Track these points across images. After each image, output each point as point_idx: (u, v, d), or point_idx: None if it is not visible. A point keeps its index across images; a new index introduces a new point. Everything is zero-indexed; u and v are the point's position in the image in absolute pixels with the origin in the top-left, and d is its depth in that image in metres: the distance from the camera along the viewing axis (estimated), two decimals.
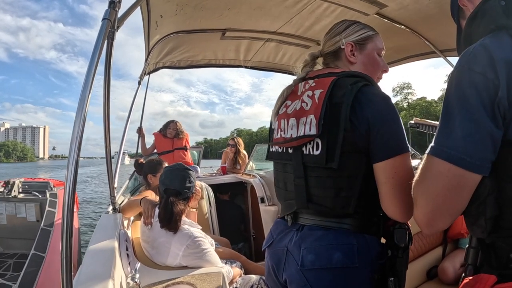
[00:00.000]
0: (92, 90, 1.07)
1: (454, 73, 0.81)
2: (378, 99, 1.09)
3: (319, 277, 1.11)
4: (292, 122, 1.21)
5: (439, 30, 2.73)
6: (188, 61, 3.58)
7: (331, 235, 1.13)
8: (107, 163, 2.01)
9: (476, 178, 0.76)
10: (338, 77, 1.14)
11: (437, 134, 0.81)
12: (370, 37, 1.30)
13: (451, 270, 2.39)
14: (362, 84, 1.10)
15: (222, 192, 4.54)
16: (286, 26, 2.85)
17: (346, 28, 1.30)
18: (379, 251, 1.15)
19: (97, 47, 1.16)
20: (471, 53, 0.79)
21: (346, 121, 1.06)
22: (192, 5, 2.37)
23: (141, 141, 5.06)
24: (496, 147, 0.75)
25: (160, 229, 1.99)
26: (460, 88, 0.78)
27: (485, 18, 0.85)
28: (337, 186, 1.11)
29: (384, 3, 2.38)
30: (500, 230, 0.79)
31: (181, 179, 2.10)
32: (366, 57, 1.29)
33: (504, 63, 0.73)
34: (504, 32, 0.80)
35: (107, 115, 1.71)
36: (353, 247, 1.10)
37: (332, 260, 1.09)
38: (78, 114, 1.02)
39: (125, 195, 2.90)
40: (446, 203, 0.79)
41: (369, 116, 1.05)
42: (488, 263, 0.86)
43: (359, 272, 1.10)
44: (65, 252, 0.91)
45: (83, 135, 1.02)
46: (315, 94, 1.14)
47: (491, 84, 0.73)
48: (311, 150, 1.14)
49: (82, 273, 1.41)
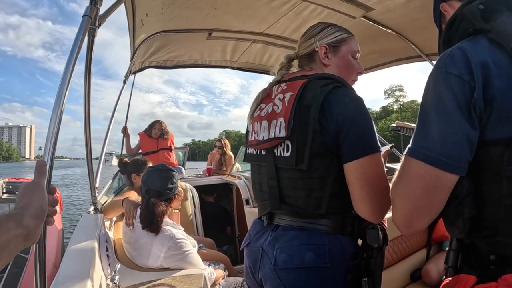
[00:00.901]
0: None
1: (431, 75, 0.82)
2: (347, 100, 1.09)
3: (292, 276, 1.12)
4: (264, 125, 1.23)
5: (425, 35, 2.75)
6: (174, 61, 3.56)
7: (304, 235, 1.14)
8: (88, 162, 1.98)
9: (453, 179, 0.77)
10: (309, 79, 1.16)
11: (414, 136, 0.82)
12: (345, 39, 1.31)
13: (435, 272, 2.41)
14: (332, 86, 1.11)
15: (207, 194, 4.52)
16: (273, 27, 2.85)
17: (321, 30, 1.31)
18: (353, 252, 1.16)
19: (76, 44, 1.14)
20: (448, 56, 0.80)
21: (315, 123, 1.07)
22: (178, 4, 2.35)
23: (126, 141, 5.03)
24: (472, 147, 0.76)
25: (141, 230, 1.96)
26: (436, 90, 0.79)
27: (464, 22, 0.87)
28: (308, 187, 1.12)
29: (371, 6, 2.40)
30: (480, 230, 0.80)
31: (163, 180, 2.08)
32: (340, 59, 1.30)
33: (480, 66, 0.75)
34: (481, 36, 0.81)
35: (87, 114, 1.69)
36: (325, 247, 1.11)
37: (304, 260, 1.10)
38: (55, 111, 1.00)
39: (108, 196, 2.87)
40: (424, 204, 0.80)
41: (338, 117, 1.06)
42: (468, 264, 0.87)
43: (331, 272, 1.11)
44: (38, 252, 0.89)
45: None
46: (286, 97, 1.17)
47: (467, 86, 0.75)
48: (282, 152, 1.17)
49: (61, 273, 1.38)
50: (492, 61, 0.75)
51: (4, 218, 0.66)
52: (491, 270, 0.79)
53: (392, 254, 2.37)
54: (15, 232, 0.66)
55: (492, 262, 0.79)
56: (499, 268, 0.78)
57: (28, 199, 0.74)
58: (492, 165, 0.77)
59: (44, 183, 0.81)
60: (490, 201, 0.78)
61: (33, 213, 0.71)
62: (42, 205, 0.75)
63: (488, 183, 0.78)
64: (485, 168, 0.78)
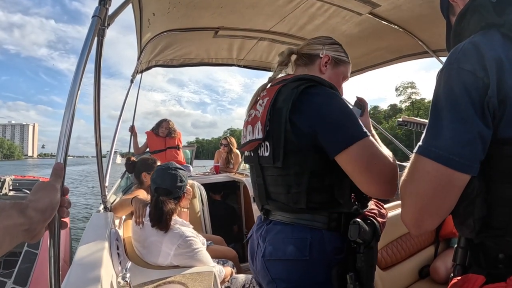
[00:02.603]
0: (81, 88, 1.06)
1: (443, 71, 0.80)
2: (318, 98, 1.15)
3: (276, 267, 1.22)
4: (249, 129, 1.36)
5: (432, 31, 2.74)
6: (180, 60, 3.57)
7: (289, 229, 1.22)
8: (98, 161, 1.99)
9: (465, 178, 0.75)
10: (284, 84, 1.26)
11: (425, 133, 0.81)
12: (345, 62, 1.44)
13: (443, 269, 2.40)
14: (305, 86, 1.18)
15: (214, 192, 4.52)
16: (279, 25, 2.85)
17: (331, 44, 1.42)
18: (336, 247, 1.19)
19: (87, 44, 1.15)
20: (460, 50, 0.78)
21: (286, 123, 1.15)
22: (185, 3, 2.35)
23: (134, 139, 5.04)
24: (485, 146, 0.74)
25: (151, 229, 1.98)
26: (449, 87, 0.77)
27: (476, 15, 0.84)
28: (286, 183, 1.22)
29: (377, 3, 2.39)
30: (490, 230, 0.79)
31: (172, 179, 2.10)
32: (334, 74, 1.41)
33: (494, 62, 0.72)
34: (494, 30, 0.79)
35: (97, 113, 1.70)
36: (307, 241, 1.17)
37: (286, 252, 1.19)
38: (67, 111, 1.01)
39: (117, 194, 2.89)
40: (434, 203, 0.78)
41: (310, 115, 1.13)
42: (476, 263, 0.86)
43: (312, 265, 1.17)
44: (53, 251, 0.90)
45: (73, 133, 1.01)
46: (264, 103, 1.29)
47: (480, 82, 0.72)
48: (263, 152, 1.28)
49: (72, 272, 1.40)
50: (506, 57, 0.73)
51: (8, 205, 0.68)
52: (499, 269, 0.79)
53: (400, 251, 2.37)
54: (16, 221, 0.66)
55: (501, 261, 0.78)
56: (508, 268, 0.77)
57: (38, 194, 0.75)
58: (504, 165, 0.75)
59: (59, 185, 0.81)
60: (501, 201, 0.76)
61: (39, 206, 0.72)
62: (52, 202, 0.75)
63: (500, 183, 0.76)
64: (497, 167, 0.76)
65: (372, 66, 3.75)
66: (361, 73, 3.98)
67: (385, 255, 2.25)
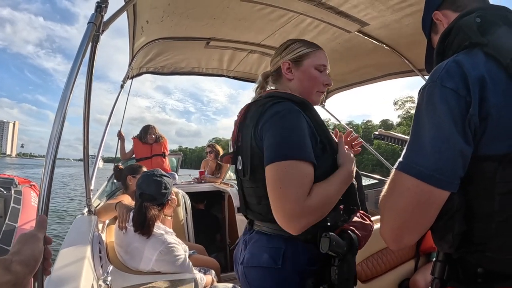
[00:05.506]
0: (73, 91, 1.08)
1: (425, 88, 0.81)
2: (272, 113, 1.17)
3: (252, 274, 1.25)
4: (230, 144, 1.46)
5: (418, 50, 2.79)
6: (171, 68, 3.60)
7: (265, 239, 1.26)
8: (84, 165, 1.99)
9: (444, 195, 0.76)
10: (254, 101, 1.34)
11: (406, 150, 0.81)
12: (307, 54, 1.36)
13: (422, 283, 2.42)
14: (270, 103, 1.20)
15: (199, 201, 4.52)
16: (269, 38, 2.91)
17: (287, 47, 1.40)
18: (310, 258, 1.20)
19: (81, 49, 1.17)
20: (443, 69, 0.79)
21: (251, 139, 1.22)
22: (179, 13, 2.39)
23: (121, 145, 5.02)
24: (465, 163, 0.75)
25: (134, 234, 1.98)
26: (431, 104, 0.78)
27: (460, 34, 0.86)
28: (257, 194, 1.26)
29: (366, 22, 2.46)
30: (470, 245, 0.79)
31: (157, 185, 2.11)
32: (302, 73, 1.36)
33: (477, 80, 0.74)
34: (477, 49, 0.80)
35: (87, 117, 1.71)
36: (281, 250, 1.20)
37: (261, 260, 1.22)
38: (58, 114, 1.03)
39: (101, 199, 2.87)
40: (414, 219, 0.78)
41: (262, 130, 1.17)
42: (455, 278, 0.86)
43: (284, 274, 1.19)
44: None
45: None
46: (236, 121, 1.39)
47: (463, 101, 0.74)
48: (238, 165, 1.34)
49: (54, 273, 1.39)
50: (489, 76, 0.74)
51: None
52: (478, 284, 0.79)
53: (380, 264, 2.40)
54: (2, 279, 0.64)
55: (480, 275, 0.79)
56: (486, 283, 0.78)
57: (20, 246, 0.73)
58: (484, 181, 0.75)
59: (42, 235, 0.79)
60: (481, 217, 0.76)
61: (23, 259, 0.70)
62: (34, 254, 0.73)
63: (480, 199, 0.77)
64: (477, 183, 0.76)
65: (360, 82, 3.82)
66: (349, 88, 4.05)
67: (366, 268, 2.27)
